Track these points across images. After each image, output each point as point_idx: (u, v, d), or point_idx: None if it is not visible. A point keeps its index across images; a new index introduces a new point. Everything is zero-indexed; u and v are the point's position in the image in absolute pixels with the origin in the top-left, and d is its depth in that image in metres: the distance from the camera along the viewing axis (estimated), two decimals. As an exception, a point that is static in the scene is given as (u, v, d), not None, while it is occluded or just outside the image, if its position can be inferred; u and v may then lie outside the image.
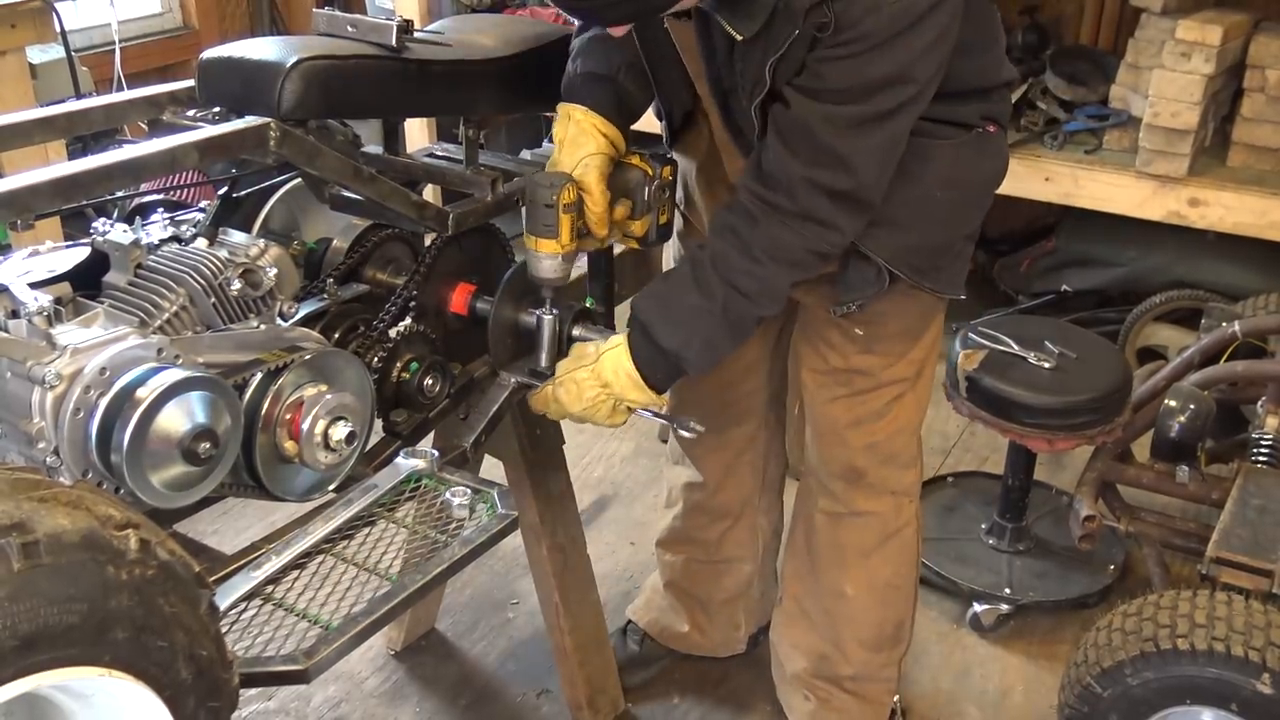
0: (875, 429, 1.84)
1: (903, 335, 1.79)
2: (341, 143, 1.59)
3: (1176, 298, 3.14)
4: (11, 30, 2.71)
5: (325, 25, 1.61)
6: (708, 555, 2.19)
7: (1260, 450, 2.22)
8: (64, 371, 1.25)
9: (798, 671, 2.07)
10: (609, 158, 1.68)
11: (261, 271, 1.50)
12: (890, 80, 1.44)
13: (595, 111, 1.66)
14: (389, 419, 1.67)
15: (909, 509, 1.94)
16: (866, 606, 1.97)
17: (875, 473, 1.88)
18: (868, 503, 1.90)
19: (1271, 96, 2.89)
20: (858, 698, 2.04)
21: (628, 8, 1.43)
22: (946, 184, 1.63)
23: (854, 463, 1.87)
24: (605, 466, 2.94)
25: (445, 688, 2.26)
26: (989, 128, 1.65)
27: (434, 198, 1.93)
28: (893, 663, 2.05)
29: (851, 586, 1.96)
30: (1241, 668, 1.64)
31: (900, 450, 1.88)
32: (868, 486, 1.89)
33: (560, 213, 1.60)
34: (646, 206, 1.72)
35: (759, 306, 1.59)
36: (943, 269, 1.70)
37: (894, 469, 1.89)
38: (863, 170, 1.49)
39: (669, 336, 1.59)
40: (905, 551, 1.96)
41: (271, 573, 1.36)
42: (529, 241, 1.65)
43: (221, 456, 1.34)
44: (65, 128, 1.57)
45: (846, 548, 1.95)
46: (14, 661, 0.98)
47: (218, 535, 2.48)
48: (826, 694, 2.05)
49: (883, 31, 1.39)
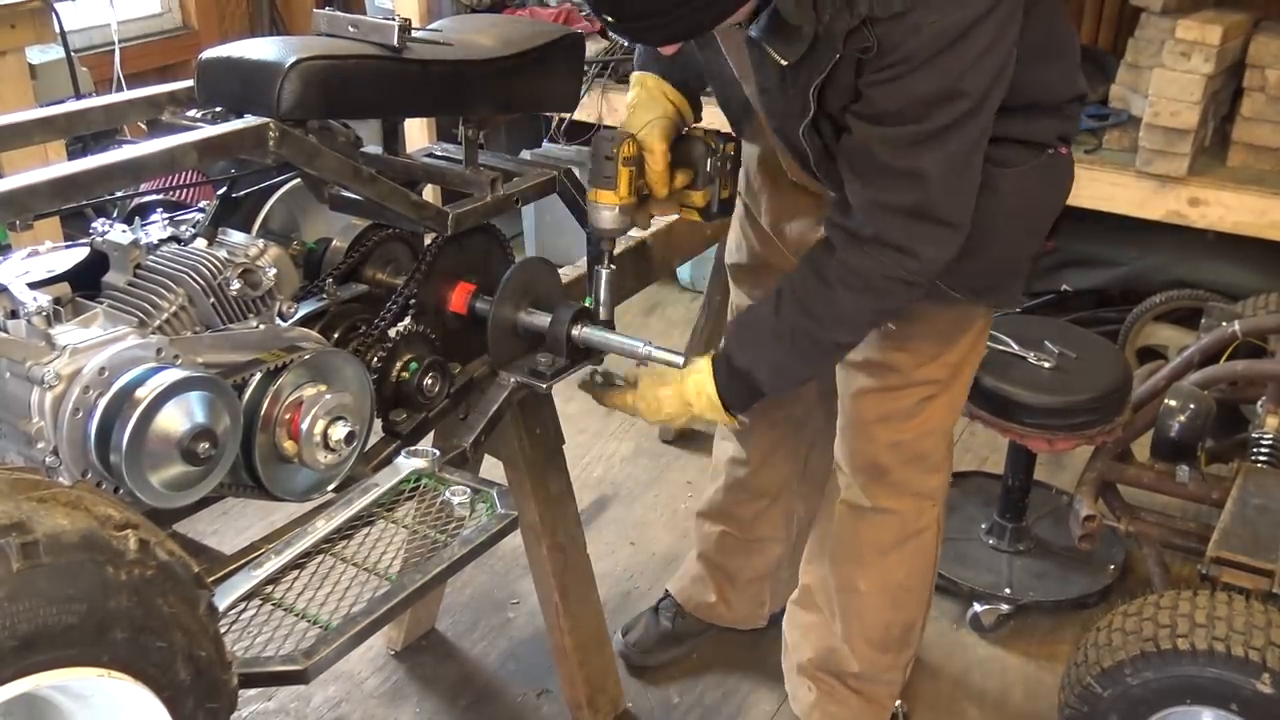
0: (903, 428, 1.83)
1: (936, 336, 1.77)
2: (341, 143, 1.59)
3: (1176, 297, 3.13)
4: (11, 30, 2.71)
5: (326, 25, 1.61)
6: (741, 532, 2.23)
7: (1260, 450, 2.22)
8: (63, 371, 1.25)
9: (803, 662, 2.08)
10: (674, 123, 1.73)
11: (261, 271, 1.50)
12: (941, 97, 1.43)
13: (665, 79, 1.75)
14: (388, 419, 1.67)
15: (931, 513, 1.92)
16: (877, 605, 1.97)
17: (899, 471, 1.86)
18: (889, 500, 1.89)
19: (1271, 96, 2.89)
20: (860, 696, 2.04)
21: (669, 30, 1.45)
22: (1012, 214, 1.61)
23: (878, 459, 1.86)
24: (605, 466, 2.94)
25: (445, 688, 2.26)
26: (1060, 149, 1.64)
27: (434, 198, 1.93)
28: (898, 666, 2.05)
29: (865, 583, 1.96)
30: (1241, 667, 1.64)
31: (928, 452, 1.86)
32: (890, 485, 1.88)
33: (620, 164, 1.66)
34: (708, 178, 1.75)
35: (830, 332, 1.61)
36: (1002, 288, 1.71)
37: (919, 471, 1.87)
38: (931, 185, 1.47)
39: (742, 356, 1.66)
40: (923, 555, 1.96)
41: (271, 573, 1.36)
42: (590, 194, 1.70)
43: (221, 456, 1.34)
44: (65, 128, 1.57)
45: (864, 543, 1.94)
46: (13, 662, 0.98)
47: (218, 535, 2.48)
48: (829, 688, 2.05)
49: (924, 51, 1.39)
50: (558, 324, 1.73)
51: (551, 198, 1.83)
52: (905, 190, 1.48)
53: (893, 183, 1.48)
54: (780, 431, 2.13)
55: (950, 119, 1.44)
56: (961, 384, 1.84)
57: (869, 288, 1.55)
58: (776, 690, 2.24)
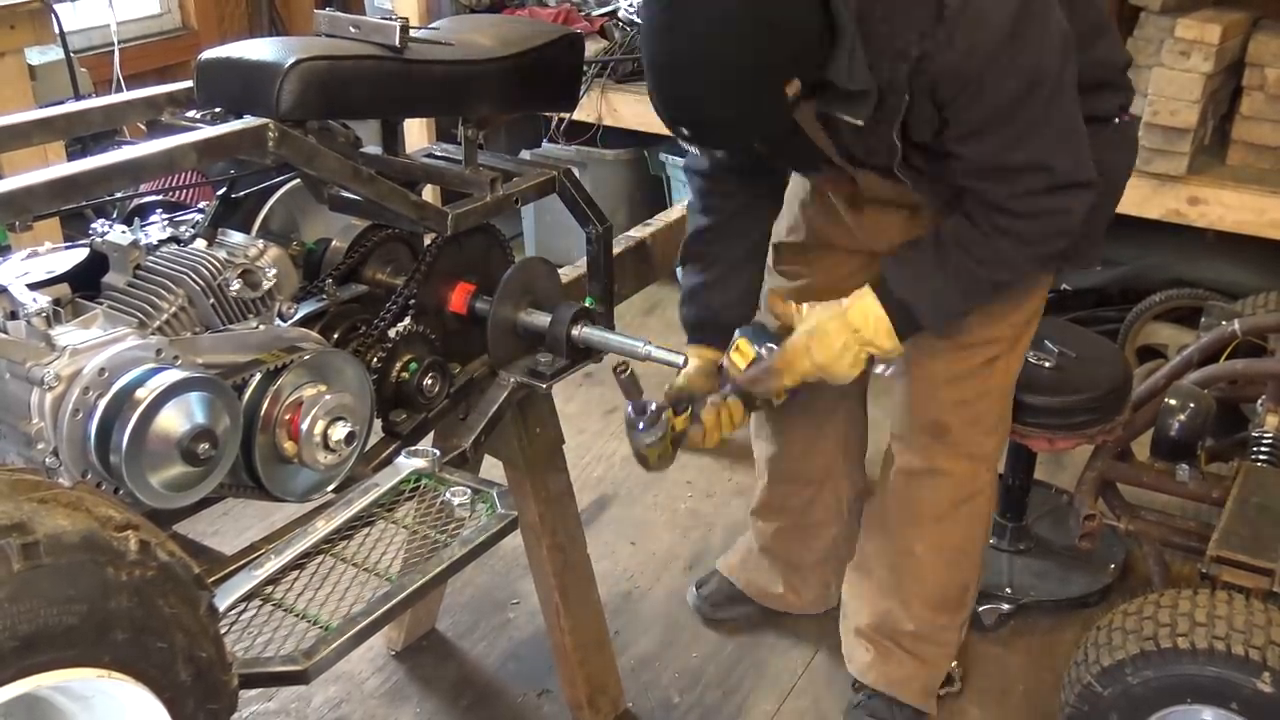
0: (967, 386, 1.90)
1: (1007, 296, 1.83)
2: (341, 143, 1.59)
3: (1176, 296, 3.13)
4: (11, 31, 2.71)
5: (328, 26, 1.61)
6: (795, 521, 2.29)
7: (1260, 449, 2.22)
8: (63, 372, 1.25)
9: (861, 625, 2.13)
10: None
11: (260, 272, 1.50)
12: (1022, 92, 1.50)
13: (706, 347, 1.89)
14: (388, 419, 1.67)
15: (985, 476, 1.99)
16: (934, 567, 2.03)
17: (960, 431, 1.93)
18: (946, 461, 1.95)
19: (1270, 95, 2.89)
20: (916, 657, 2.09)
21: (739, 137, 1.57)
22: None
23: (942, 417, 1.93)
24: (605, 466, 2.94)
25: (445, 688, 2.26)
26: (1124, 116, 1.73)
27: (434, 198, 1.93)
28: (954, 626, 2.10)
29: (921, 546, 2.02)
30: (1242, 666, 1.64)
31: (985, 413, 1.93)
32: (949, 444, 1.94)
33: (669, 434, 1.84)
34: None
35: (992, 272, 1.66)
36: (1086, 251, 1.81)
37: (977, 432, 1.94)
38: (1053, 165, 1.55)
39: (901, 288, 1.68)
40: (977, 518, 2.02)
41: (271, 573, 1.36)
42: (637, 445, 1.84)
43: (220, 457, 1.34)
44: (64, 129, 1.57)
45: (921, 508, 2.01)
46: (13, 662, 0.98)
47: (218, 535, 2.47)
48: (886, 649, 2.10)
49: (986, 60, 1.46)
50: (558, 324, 1.73)
51: (551, 198, 1.83)
52: (1032, 179, 1.56)
53: (1018, 177, 1.56)
54: (818, 417, 2.18)
55: (1041, 105, 1.51)
56: (1023, 345, 1.92)
57: (1026, 242, 1.62)
58: (777, 690, 2.24)
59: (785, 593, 2.35)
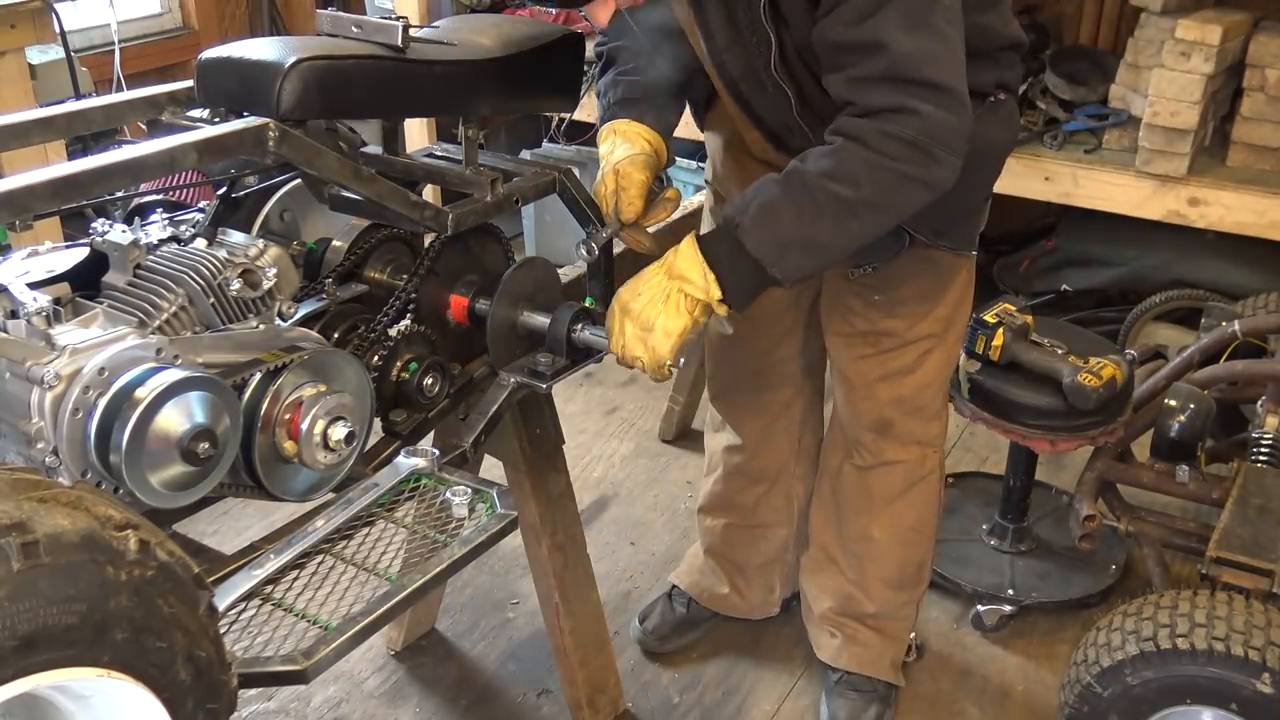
0: (903, 383, 1.92)
1: (921, 297, 1.85)
2: (341, 143, 1.59)
3: (1176, 297, 3.14)
4: (11, 31, 2.71)
5: (329, 26, 1.61)
6: (744, 520, 2.27)
7: (1260, 450, 2.22)
8: (63, 372, 1.25)
9: (824, 611, 2.18)
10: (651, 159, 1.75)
11: (260, 272, 1.49)
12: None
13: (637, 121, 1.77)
14: (388, 419, 1.67)
15: (934, 458, 2.03)
16: (891, 548, 2.07)
17: (903, 424, 1.96)
18: (895, 453, 1.99)
19: (1271, 96, 2.89)
20: (880, 633, 2.15)
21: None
22: None
23: (883, 414, 1.96)
24: (605, 466, 2.94)
25: (445, 688, 2.26)
26: (999, 95, 1.68)
27: (434, 198, 1.93)
28: (913, 602, 2.17)
29: (878, 530, 2.06)
30: (1241, 667, 1.64)
31: (927, 403, 1.96)
32: (895, 437, 1.98)
33: None
34: None
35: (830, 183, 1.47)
36: (959, 229, 1.78)
37: (920, 420, 1.97)
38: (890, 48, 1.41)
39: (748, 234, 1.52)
40: (928, 497, 2.06)
41: (271, 573, 1.36)
42: None
43: (220, 457, 1.34)
44: (65, 128, 1.56)
45: (874, 494, 2.05)
46: (13, 662, 0.98)
47: (218, 535, 2.48)
48: (852, 630, 2.16)
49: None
50: (558, 324, 1.73)
51: (551, 198, 1.82)
52: (870, 60, 1.43)
53: (858, 59, 1.44)
54: (772, 414, 2.17)
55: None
56: (955, 335, 1.94)
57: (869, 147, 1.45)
58: (777, 689, 2.24)
59: (730, 594, 2.33)
